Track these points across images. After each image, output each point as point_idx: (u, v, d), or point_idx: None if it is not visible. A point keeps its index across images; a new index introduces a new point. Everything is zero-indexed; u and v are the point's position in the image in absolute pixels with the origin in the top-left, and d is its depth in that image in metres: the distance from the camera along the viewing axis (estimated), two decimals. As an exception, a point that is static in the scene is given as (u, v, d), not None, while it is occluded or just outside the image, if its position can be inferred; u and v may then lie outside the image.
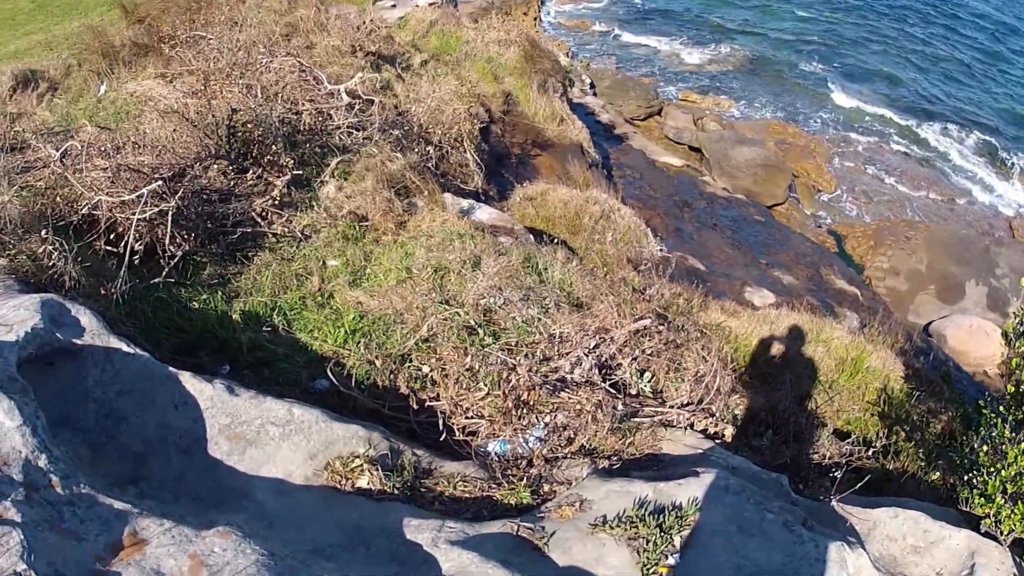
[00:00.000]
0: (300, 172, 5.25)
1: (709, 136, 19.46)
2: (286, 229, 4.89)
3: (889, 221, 17.90)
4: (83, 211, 4.31)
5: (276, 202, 4.92)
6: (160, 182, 4.45)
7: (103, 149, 4.89)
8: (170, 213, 4.34)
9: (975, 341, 13.62)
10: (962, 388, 8.46)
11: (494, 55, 10.95)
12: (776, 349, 5.83)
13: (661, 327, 4.35)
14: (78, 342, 3.09)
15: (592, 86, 20.60)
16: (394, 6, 14.24)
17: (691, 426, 3.89)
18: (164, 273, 4.29)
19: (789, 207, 17.53)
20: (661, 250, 7.59)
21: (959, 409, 4.74)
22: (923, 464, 4.53)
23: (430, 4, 14.23)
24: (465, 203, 6.22)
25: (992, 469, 3.19)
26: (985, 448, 3.37)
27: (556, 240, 6.14)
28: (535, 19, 26.20)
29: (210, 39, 6.93)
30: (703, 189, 14.94)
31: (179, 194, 4.49)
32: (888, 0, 32.32)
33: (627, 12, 30.03)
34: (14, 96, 7.31)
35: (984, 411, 3.59)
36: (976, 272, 15.94)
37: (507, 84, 10.38)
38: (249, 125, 5.17)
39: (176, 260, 4.41)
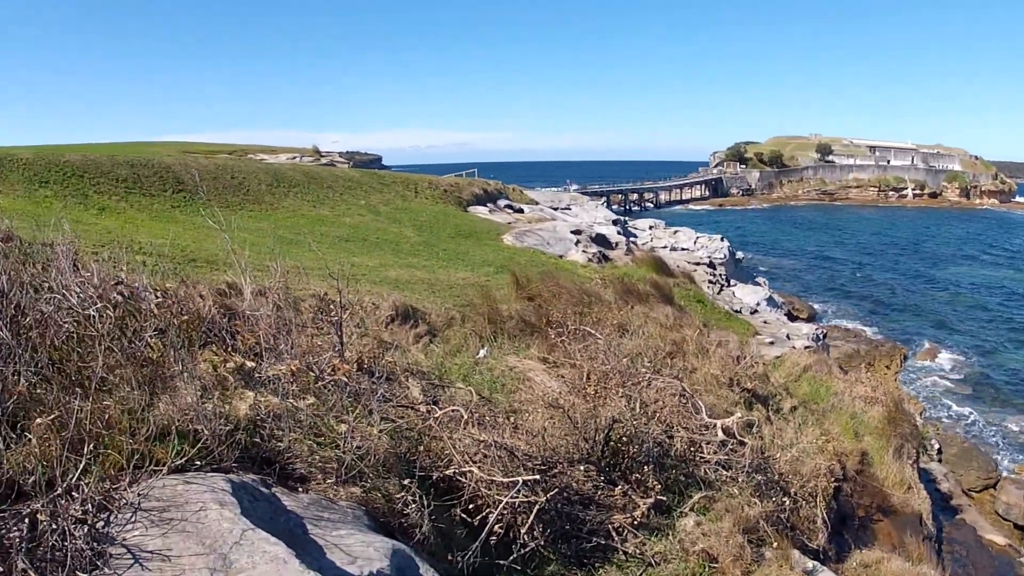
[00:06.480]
0: (663, 498, 5.09)
1: (1035, 515, 17.33)
2: (638, 551, 4.62)
3: None
4: (447, 471, 4.26)
5: (635, 522, 4.72)
6: (537, 475, 4.44)
7: (479, 419, 4.83)
8: (537, 506, 4.29)
9: None
10: None
11: (858, 411, 10.77)
12: None
13: None
14: (420, 601, 2.92)
15: (939, 451, 19.87)
16: (772, 343, 14.73)
17: None
18: (511, 558, 4.16)
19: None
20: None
21: None
22: None
23: (805, 347, 14.57)
24: (810, 564, 5.90)
25: None
26: None
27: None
28: (896, 374, 26.89)
29: (598, 338, 6.91)
30: (1018, 571, 14.82)
31: (550, 491, 4.42)
32: None
33: (987, 376, 28.73)
34: (391, 325, 7.15)
35: None
36: None
37: (865, 443, 9.93)
38: (624, 439, 5.18)
39: (527, 550, 4.25)
